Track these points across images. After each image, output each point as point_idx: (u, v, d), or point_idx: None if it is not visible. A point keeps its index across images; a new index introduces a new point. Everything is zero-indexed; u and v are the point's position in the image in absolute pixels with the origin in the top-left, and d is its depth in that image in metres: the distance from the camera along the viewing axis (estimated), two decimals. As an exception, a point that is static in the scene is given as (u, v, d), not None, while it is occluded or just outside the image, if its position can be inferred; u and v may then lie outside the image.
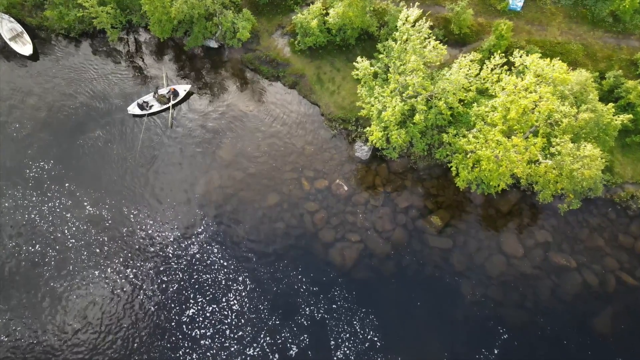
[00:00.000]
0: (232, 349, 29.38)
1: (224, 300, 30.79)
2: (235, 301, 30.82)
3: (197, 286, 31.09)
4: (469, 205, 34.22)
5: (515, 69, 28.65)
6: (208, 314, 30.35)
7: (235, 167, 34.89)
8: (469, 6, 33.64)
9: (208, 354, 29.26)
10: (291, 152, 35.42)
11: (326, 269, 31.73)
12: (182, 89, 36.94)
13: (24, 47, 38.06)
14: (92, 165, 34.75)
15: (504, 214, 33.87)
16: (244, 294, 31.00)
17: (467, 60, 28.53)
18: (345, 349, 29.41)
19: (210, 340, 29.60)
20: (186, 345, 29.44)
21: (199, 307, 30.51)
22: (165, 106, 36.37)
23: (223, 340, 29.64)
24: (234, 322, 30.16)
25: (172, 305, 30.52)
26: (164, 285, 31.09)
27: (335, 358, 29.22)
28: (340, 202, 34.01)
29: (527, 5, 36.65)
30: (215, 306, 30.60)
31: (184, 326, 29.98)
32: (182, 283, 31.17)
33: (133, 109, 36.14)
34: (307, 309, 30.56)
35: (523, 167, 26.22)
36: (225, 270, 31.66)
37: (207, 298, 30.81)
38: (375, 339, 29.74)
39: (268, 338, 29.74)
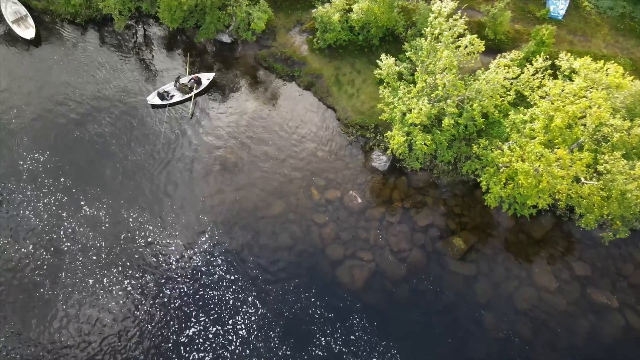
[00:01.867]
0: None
1: (227, 321, 27.20)
2: (240, 324, 27.18)
3: (200, 303, 27.62)
4: (497, 229, 30.51)
5: (561, 73, 25.33)
6: (210, 336, 26.72)
7: (239, 170, 31.78)
8: (507, 8, 30.57)
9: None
10: (302, 157, 32.24)
11: (343, 293, 28.00)
12: (206, 77, 34.31)
13: (27, 30, 35.97)
14: (90, 160, 31.87)
15: (537, 241, 30.04)
16: (253, 318, 27.34)
17: (507, 60, 25.29)
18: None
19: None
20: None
21: (200, 328, 26.94)
22: (187, 96, 33.82)
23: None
24: (237, 350, 26.37)
25: (171, 323, 27.03)
26: (164, 300, 27.70)
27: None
28: (352, 216, 30.55)
29: (569, 14, 33.59)
30: (218, 328, 26.96)
31: (181, 348, 26.36)
32: (184, 299, 27.75)
33: (153, 98, 33.60)
34: (323, 339, 26.69)
35: (568, 183, 22.60)
36: (232, 288, 28.18)
37: (210, 318, 27.29)
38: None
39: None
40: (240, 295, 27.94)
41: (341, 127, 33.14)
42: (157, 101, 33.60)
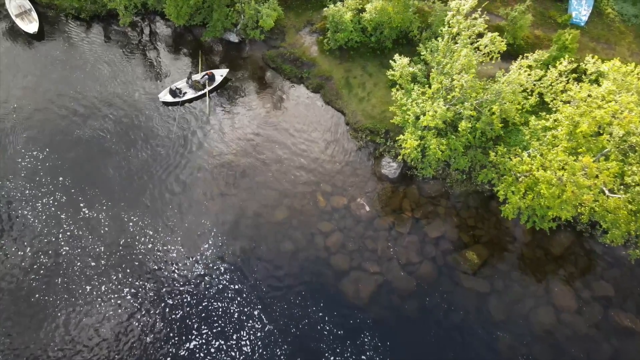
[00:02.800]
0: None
1: (231, 336, 25.43)
2: (245, 339, 25.37)
3: (203, 315, 25.93)
4: (513, 243, 28.66)
5: (587, 77, 23.75)
6: (212, 350, 24.92)
7: (244, 174, 30.34)
8: (528, 11, 29.14)
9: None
10: (308, 162, 30.75)
11: (350, 308, 26.23)
12: (219, 73, 33.12)
13: (30, 24, 35.17)
14: (91, 160, 30.62)
15: (555, 258, 28.13)
16: (259, 334, 25.57)
17: (530, 60, 23.74)
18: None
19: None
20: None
21: (202, 342, 25.20)
22: (200, 93, 32.64)
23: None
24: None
25: (170, 335, 25.37)
26: (165, 310, 26.09)
27: None
28: (359, 225, 28.88)
29: (592, 21, 32.15)
30: (221, 342, 25.19)
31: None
32: (186, 309, 26.10)
33: (164, 96, 32.41)
34: (332, 359, 24.83)
35: (595, 193, 20.86)
36: (236, 300, 26.46)
37: (212, 331, 25.56)
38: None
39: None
40: (245, 309, 26.19)
41: (350, 132, 31.64)
42: (169, 98, 32.42)
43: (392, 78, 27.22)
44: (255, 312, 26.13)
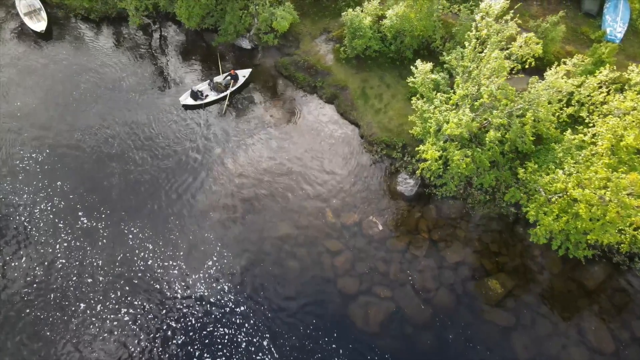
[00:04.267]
0: None
1: None
2: None
3: (206, 341, 23.43)
4: (541, 273, 25.84)
5: (631, 88, 21.50)
6: None
7: (249, 184, 28.27)
8: (561, 22, 27.19)
9: None
10: (317, 175, 28.56)
11: (370, 343, 23.56)
12: (242, 74, 31.75)
13: (38, 23, 34.33)
14: (91, 165, 28.85)
15: (589, 292, 25.20)
16: None
17: (569, 65, 21.59)
18: None
19: None
20: None
21: None
22: (222, 94, 31.28)
23: None
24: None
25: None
26: (167, 334, 23.69)
27: None
28: (371, 245, 26.38)
29: (627, 38, 30.11)
30: None
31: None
32: (189, 334, 23.64)
33: (185, 99, 31.01)
34: None
35: (644, 215, 18.30)
36: (243, 327, 23.95)
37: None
38: None
39: None
40: (253, 339, 23.55)
41: (364, 145, 29.49)
42: (190, 101, 30.95)
43: (413, 86, 25.19)
44: (265, 343, 23.46)
